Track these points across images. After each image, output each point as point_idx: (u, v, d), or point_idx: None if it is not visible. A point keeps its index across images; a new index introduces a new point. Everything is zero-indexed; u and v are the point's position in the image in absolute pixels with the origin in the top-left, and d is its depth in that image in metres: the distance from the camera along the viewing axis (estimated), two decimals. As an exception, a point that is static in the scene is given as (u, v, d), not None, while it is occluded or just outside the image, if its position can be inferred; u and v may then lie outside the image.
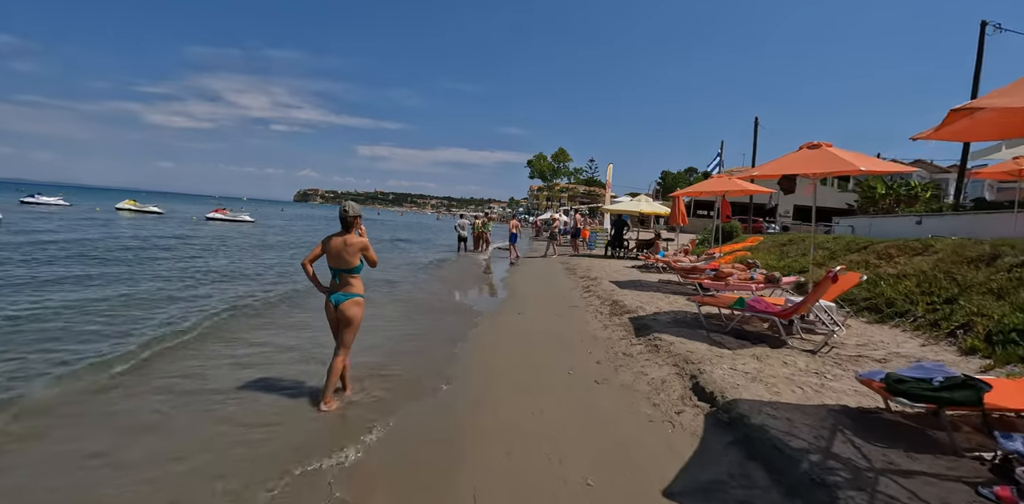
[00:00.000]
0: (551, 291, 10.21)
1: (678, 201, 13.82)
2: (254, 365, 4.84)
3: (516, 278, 12.51)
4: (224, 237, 22.08)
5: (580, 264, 14.89)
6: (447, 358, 5.32)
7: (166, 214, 38.96)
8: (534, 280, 11.98)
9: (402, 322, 7.01)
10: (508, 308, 8.23)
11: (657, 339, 5.53)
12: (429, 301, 8.88)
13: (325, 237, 3.93)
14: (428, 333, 6.44)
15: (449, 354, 5.45)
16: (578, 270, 13.40)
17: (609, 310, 7.64)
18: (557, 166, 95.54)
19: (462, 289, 10.62)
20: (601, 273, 12.27)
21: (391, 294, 9.50)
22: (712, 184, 9.39)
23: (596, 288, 9.83)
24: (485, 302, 9.20)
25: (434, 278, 12.18)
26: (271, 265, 13.23)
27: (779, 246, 14.25)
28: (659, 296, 8.76)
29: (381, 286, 10.41)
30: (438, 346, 5.79)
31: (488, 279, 12.56)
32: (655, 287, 10.05)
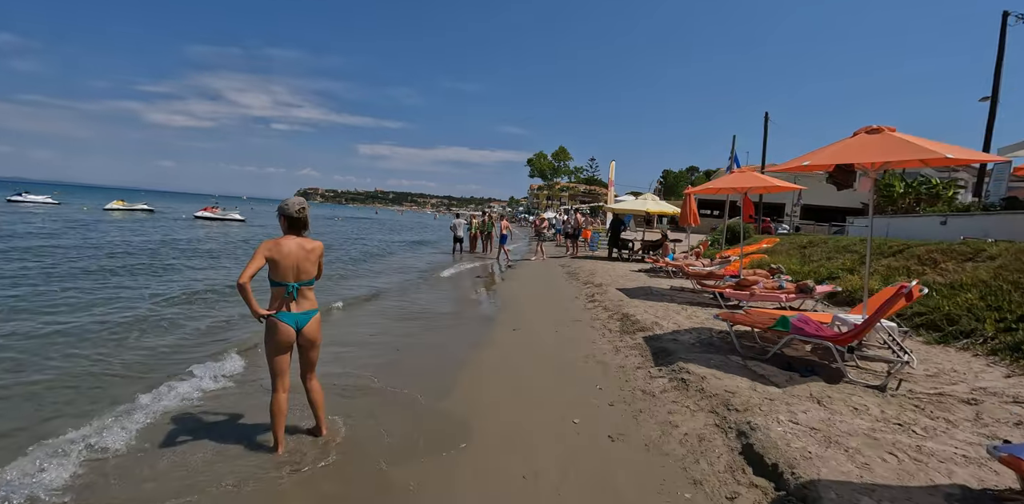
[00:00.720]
0: (551, 300, 9.11)
1: (689, 200, 12.70)
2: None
3: (513, 284, 11.41)
4: (207, 239, 20.98)
5: (582, 267, 13.78)
6: (423, 394, 4.22)
7: (156, 213, 37.95)
8: (532, 286, 10.88)
9: (375, 346, 5.90)
10: (501, 322, 7.12)
11: (684, 370, 4.42)
12: (412, 312, 7.77)
13: (268, 242, 2.98)
14: (402, 360, 5.33)
15: (425, 389, 4.35)
16: (580, 274, 12.29)
17: (619, 326, 6.54)
18: (557, 165, 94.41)
19: (452, 297, 9.51)
20: (606, 278, 11.16)
21: (368, 306, 8.40)
22: (733, 180, 8.29)
23: (602, 297, 8.72)
24: (476, 314, 8.10)
25: (424, 284, 11.08)
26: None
27: (798, 248, 13.15)
28: (674, 308, 7.65)
29: (362, 295, 9.31)
30: (413, 379, 4.68)
31: (483, 285, 11.45)
32: (668, 296, 8.94)
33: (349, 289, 9.90)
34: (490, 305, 8.87)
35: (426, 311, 7.96)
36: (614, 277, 11.50)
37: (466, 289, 10.76)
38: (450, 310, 8.21)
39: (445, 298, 9.34)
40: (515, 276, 12.92)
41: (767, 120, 23.53)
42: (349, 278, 11.63)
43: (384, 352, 5.51)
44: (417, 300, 9.00)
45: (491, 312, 8.11)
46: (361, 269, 13.53)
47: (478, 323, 7.21)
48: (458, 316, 7.78)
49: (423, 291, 10.12)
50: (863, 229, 23.01)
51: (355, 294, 9.28)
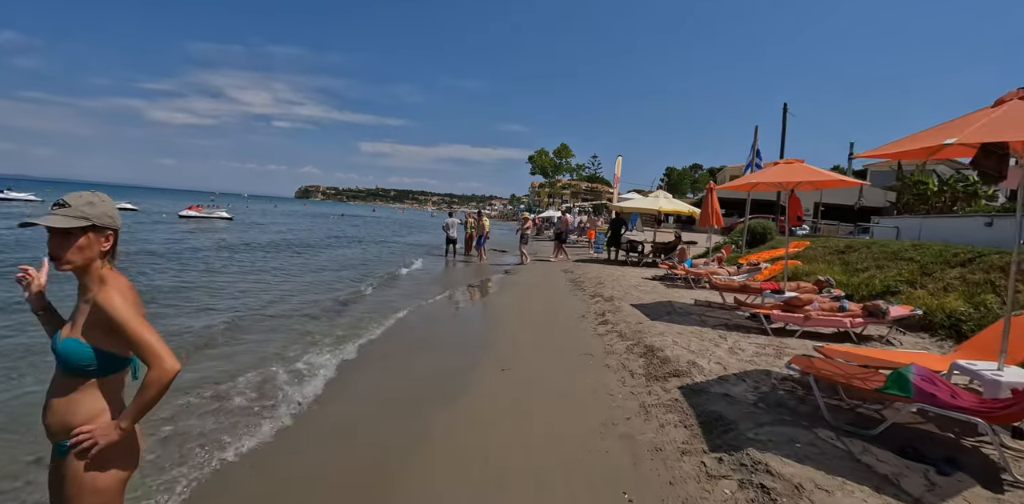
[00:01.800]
0: (553, 320, 7.50)
1: (711, 197, 11.06)
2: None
3: (508, 296, 9.79)
4: (183, 240, 19.39)
5: (587, 274, 12.16)
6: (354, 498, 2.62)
7: (140, 211, 36.44)
8: (530, 299, 9.25)
9: (316, 411, 4.30)
10: (487, 358, 5.50)
11: (759, 466, 2.82)
12: (374, 340, 6.17)
13: (129, 290, 1.60)
14: (350, 428, 3.73)
15: (360, 486, 2.76)
16: (586, 283, 10.67)
17: (643, 365, 4.92)
18: (559, 162, 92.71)
19: (428, 315, 7.88)
20: (616, 289, 9.54)
21: (340, 320, 6.80)
22: (779, 173, 6.66)
23: (615, 316, 7.11)
24: (454, 342, 6.46)
25: (404, 295, 9.46)
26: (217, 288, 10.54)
27: (836, 254, 11.50)
28: (709, 335, 6.04)
29: (328, 309, 7.71)
30: (349, 467, 3.09)
31: (472, 296, 9.85)
32: (695, 315, 7.32)
33: (329, 292, 8.31)
34: (476, 326, 7.25)
35: (391, 337, 6.36)
36: (625, 287, 9.88)
37: (449, 302, 9.16)
38: (421, 335, 6.60)
39: (419, 317, 7.73)
40: (511, 284, 11.31)
41: (786, 111, 21.83)
42: (330, 286, 10.04)
43: (313, 425, 3.90)
44: (387, 316, 7.41)
45: (475, 338, 6.49)
46: (343, 276, 11.93)
47: (455, 357, 5.60)
48: (430, 344, 6.17)
49: (398, 301, 8.51)
50: (890, 230, 21.29)
51: (329, 299, 7.69)
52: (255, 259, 14.10)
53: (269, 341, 5.84)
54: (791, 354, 5.26)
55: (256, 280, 10.47)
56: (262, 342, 5.80)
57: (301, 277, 11.34)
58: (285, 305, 7.97)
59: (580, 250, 20.41)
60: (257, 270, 11.99)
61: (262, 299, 8.38)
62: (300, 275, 11.64)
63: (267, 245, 18.19)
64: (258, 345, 5.65)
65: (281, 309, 7.63)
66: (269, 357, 5.21)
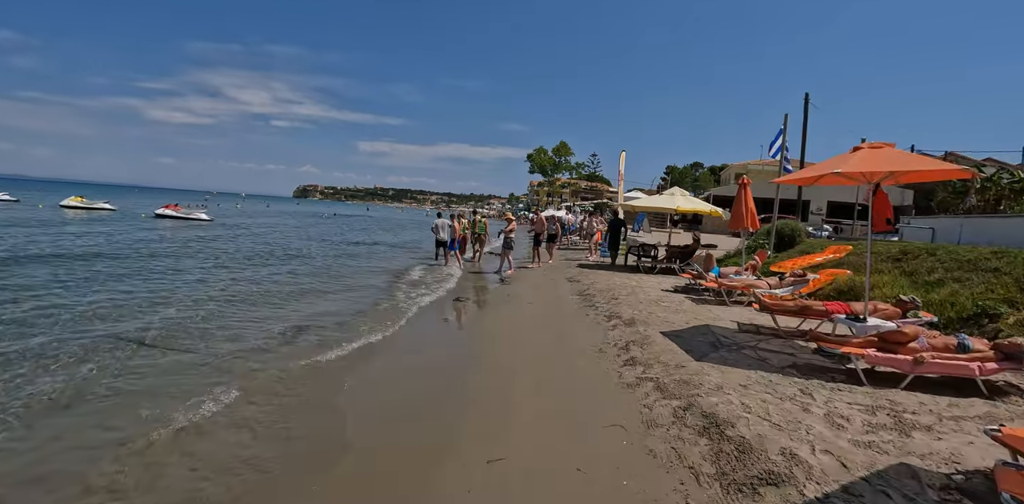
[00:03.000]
0: (561, 363, 5.64)
1: (744, 195, 9.27)
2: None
3: (501, 321, 7.96)
4: (145, 245, 17.57)
5: (596, 284, 10.39)
6: None
7: (119, 211, 34.61)
8: (529, 325, 7.39)
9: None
10: (467, 435, 3.69)
11: None
12: (302, 401, 4.38)
13: None
14: None
15: None
16: (597, 298, 8.89)
17: (711, 458, 3.12)
18: (558, 160, 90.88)
19: (399, 355, 6.07)
20: (635, 307, 7.76)
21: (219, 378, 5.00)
22: (864, 160, 4.87)
23: (644, 352, 5.33)
24: (425, 405, 4.53)
25: (368, 320, 7.67)
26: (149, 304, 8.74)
27: (890, 262, 9.74)
28: (783, 386, 4.27)
29: (253, 347, 5.90)
30: None
31: (455, 320, 8.06)
32: (748, 348, 5.55)
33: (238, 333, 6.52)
34: (456, 369, 5.43)
35: (328, 389, 4.56)
36: (646, 304, 8.10)
37: (425, 329, 7.36)
38: (376, 392, 4.80)
39: (383, 353, 5.92)
40: (507, 298, 9.52)
41: (807, 103, 20.06)
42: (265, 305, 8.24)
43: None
44: (340, 346, 5.63)
45: (453, 393, 4.66)
46: (301, 289, 10.13)
47: (419, 434, 3.80)
48: (384, 408, 4.39)
49: (362, 324, 6.72)
50: (923, 231, 19.52)
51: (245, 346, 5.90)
52: (185, 271, 12.21)
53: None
54: (914, 424, 3.52)
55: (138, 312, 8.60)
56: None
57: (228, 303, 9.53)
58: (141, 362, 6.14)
59: (581, 253, 18.63)
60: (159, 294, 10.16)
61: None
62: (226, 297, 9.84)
63: (225, 252, 16.33)
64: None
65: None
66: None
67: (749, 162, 55.31)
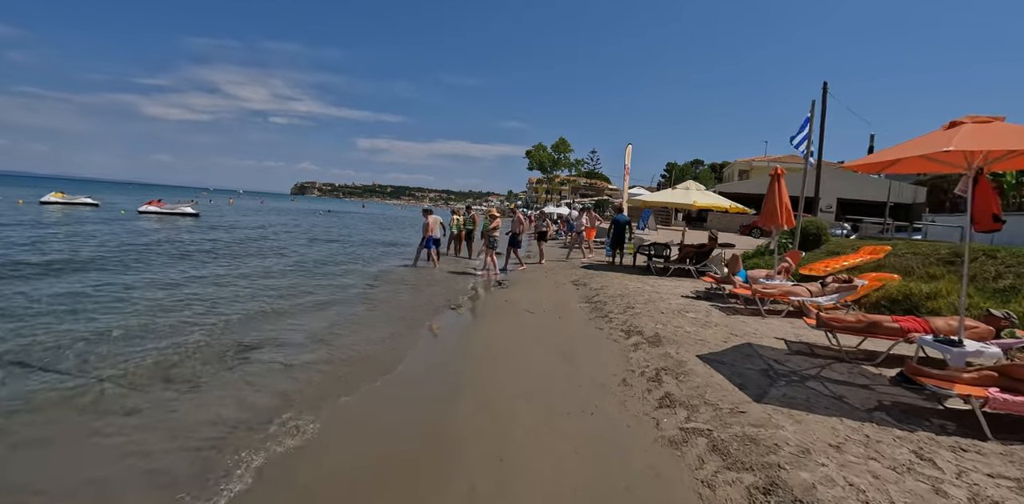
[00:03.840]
0: (575, 401, 4.38)
1: (778, 187, 8.02)
2: None
3: (498, 336, 6.71)
4: (121, 244, 16.29)
5: (605, 289, 9.16)
6: None
7: (101, 207, 33.32)
8: (533, 343, 6.12)
9: None
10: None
11: None
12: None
13: None
14: None
15: None
16: (609, 306, 7.66)
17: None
18: (557, 157, 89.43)
19: (370, 387, 4.85)
20: (657, 318, 6.52)
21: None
22: (972, 137, 3.66)
23: (683, 387, 4.09)
24: (398, 477, 3.33)
25: (344, 333, 6.44)
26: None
27: (942, 265, 8.52)
28: (886, 443, 3.05)
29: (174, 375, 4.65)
30: None
31: (447, 335, 6.83)
32: (813, 379, 4.32)
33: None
34: (437, 412, 4.14)
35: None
36: (668, 315, 6.87)
37: (408, 344, 6.12)
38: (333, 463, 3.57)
39: (356, 397, 4.69)
40: (506, 306, 8.28)
41: (825, 92, 18.78)
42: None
43: None
44: (275, 388, 4.41)
45: (431, 458, 3.41)
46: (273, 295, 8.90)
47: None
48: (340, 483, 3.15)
49: (321, 349, 5.49)
50: (951, 230, 18.28)
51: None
52: (141, 271, 10.98)
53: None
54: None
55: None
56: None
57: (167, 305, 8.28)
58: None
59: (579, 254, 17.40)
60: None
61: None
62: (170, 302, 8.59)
63: (199, 249, 15.06)
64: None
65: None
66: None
67: (754, 158, 54.10)
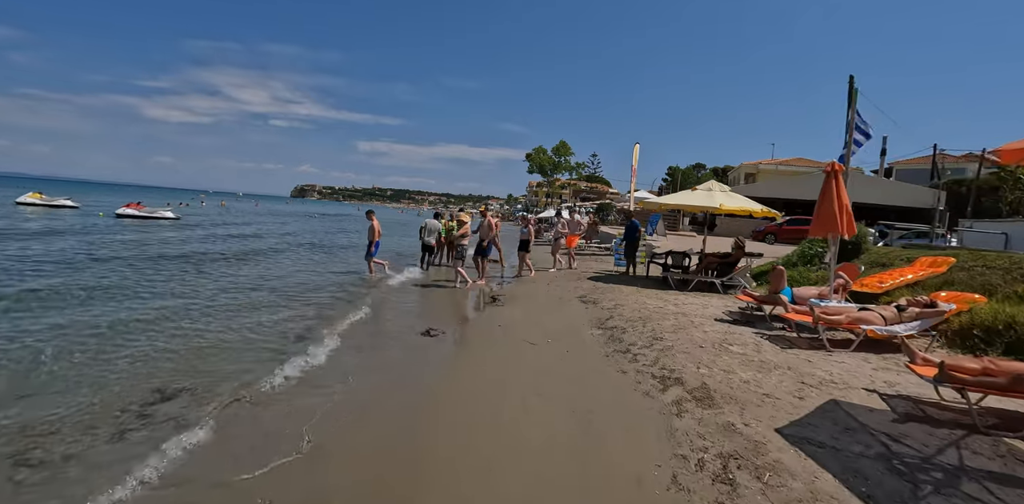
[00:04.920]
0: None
1: (835, 187, 6.47)
2: None
3: (483, 385, 5.16)
4: (79, 253, 14.78)
5: (619, 310, 7.61)
6: None
7: (81, 209, 31.84)
8: (529, 398, 4.45)
9: None
10: None
11: None
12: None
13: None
14: None
15: None
16: (629, 335, 6.10)
17: None
18: (558, 160, 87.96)
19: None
20: (695, 356, 4.96)
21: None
22: None
23: (776, 500, 2.55)
24: None
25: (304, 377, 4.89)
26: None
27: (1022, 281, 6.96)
28: None
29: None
30: None
31: (409, 376, 5.26)
32: (970, 481, 2.76)
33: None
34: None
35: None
36: (708, 348, 5.30)
37: (362, 395, 4.56)
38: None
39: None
40: (498, 332, 6.71)
41: (852, 85, 17.25)
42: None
43: None
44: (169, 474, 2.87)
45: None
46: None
47: None
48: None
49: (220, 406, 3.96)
50: (992, 237, 16.65)
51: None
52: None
53: None
54: None
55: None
56: None
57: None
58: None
59: (584, 263, 15.87)
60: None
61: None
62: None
63: (157, 257, 13.54)
64: None
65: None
66: None
67: (760, 161, 52.54)
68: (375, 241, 10.97)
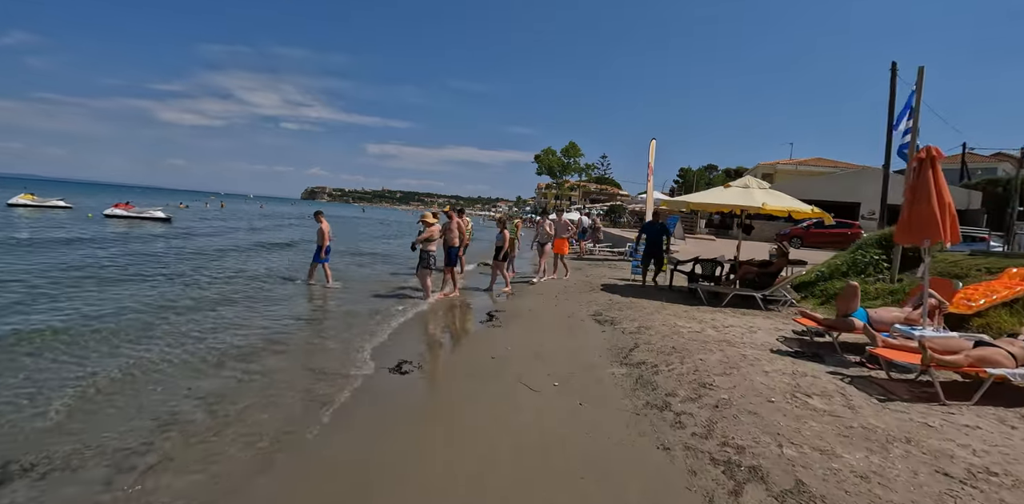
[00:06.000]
0: None
1: (935, 177, 4.89)
2: None
3: (464, 475, 3.65)
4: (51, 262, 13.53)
5: (646, 335, 6.06)
6: None
7: (74, 209, 30.90)
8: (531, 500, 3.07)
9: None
10: None
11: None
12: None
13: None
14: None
15: None
16: (667, 385, 4.55)
17: None
18: (567, 161, 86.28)
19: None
20: (769, 424, 3.39)
21: None
22: None
23: None
24: None
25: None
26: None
27: None
28: None
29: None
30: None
31: (366, 442, 3.74)
32: None
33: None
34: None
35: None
36: (782, 409, 3.73)
37: (298, 469, 3.06)
38: None
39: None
40: (490, 368, 5.20)
41: (894, 74, 15.55)
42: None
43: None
44: None
45: None
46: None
47: None
48: None
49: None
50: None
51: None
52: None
53: None
54: None
55: None
56: None
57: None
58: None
59: (596, 270, 14.32)
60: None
61: None
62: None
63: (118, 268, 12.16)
64: None
65: None
66: None
67: (778, 161, 50.47)
68: (325, 246, 9.47)
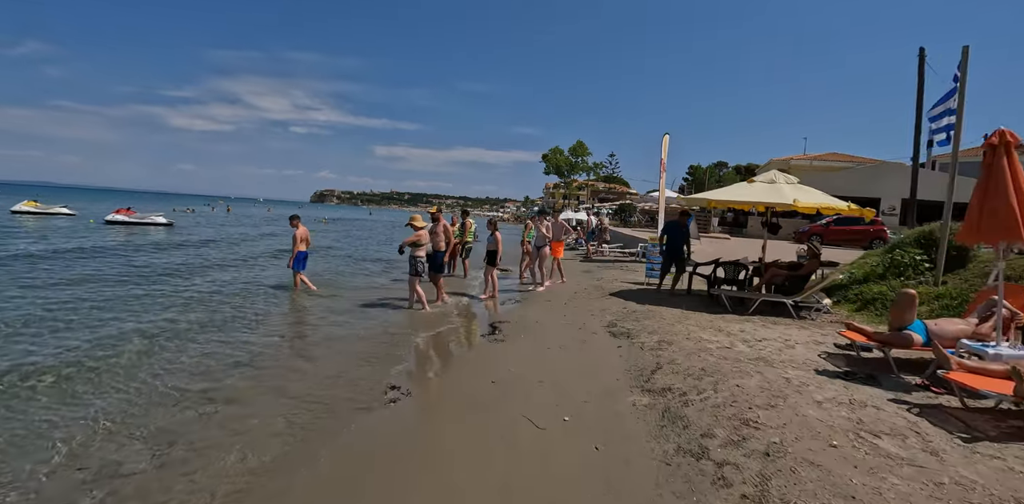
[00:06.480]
0: None
1: (1012, 166, 4.13)
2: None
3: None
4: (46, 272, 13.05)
5: (670, 351, 5.32)
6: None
7: (77, 215, 30.67)
8: None
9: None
10: None
11: None
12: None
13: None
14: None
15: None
16: (702, 422, 3.80)
17: None
18: (575, 161, 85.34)
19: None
20: (844, 485, 2.67)
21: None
22: None
23: None
24: None
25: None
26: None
27: None
28: None
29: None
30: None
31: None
32: None
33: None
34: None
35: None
36: (858, 462, 2.98)
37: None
38: None
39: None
40: (482, 401, 4.50)
41: (923, 60, 14.66)
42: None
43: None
44: None
45: None
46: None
47: None
48: None
49: None
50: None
51: None
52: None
53: None
54: None
55: None
56: None
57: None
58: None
59: (607, 272, 13.57)
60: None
61: None
62: None
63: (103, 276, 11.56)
64: None
65: None
66: None
67: (792, 157, 49.26)
68: (296, 252, 8.87)
